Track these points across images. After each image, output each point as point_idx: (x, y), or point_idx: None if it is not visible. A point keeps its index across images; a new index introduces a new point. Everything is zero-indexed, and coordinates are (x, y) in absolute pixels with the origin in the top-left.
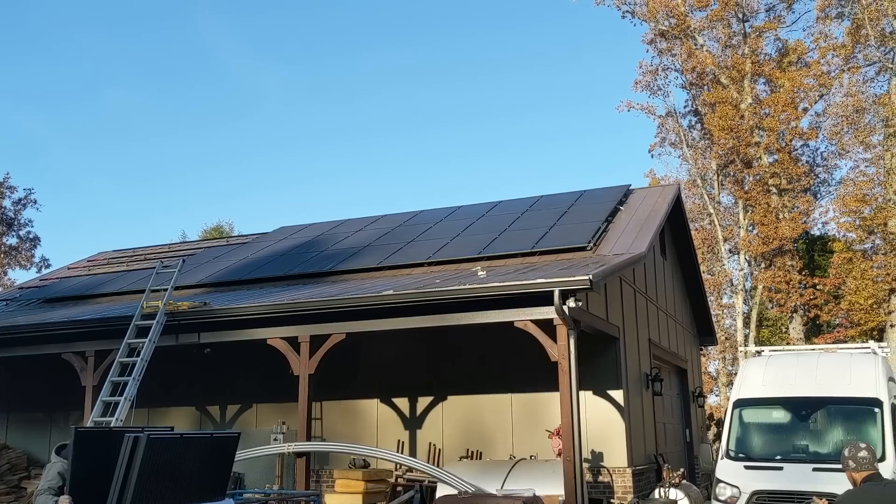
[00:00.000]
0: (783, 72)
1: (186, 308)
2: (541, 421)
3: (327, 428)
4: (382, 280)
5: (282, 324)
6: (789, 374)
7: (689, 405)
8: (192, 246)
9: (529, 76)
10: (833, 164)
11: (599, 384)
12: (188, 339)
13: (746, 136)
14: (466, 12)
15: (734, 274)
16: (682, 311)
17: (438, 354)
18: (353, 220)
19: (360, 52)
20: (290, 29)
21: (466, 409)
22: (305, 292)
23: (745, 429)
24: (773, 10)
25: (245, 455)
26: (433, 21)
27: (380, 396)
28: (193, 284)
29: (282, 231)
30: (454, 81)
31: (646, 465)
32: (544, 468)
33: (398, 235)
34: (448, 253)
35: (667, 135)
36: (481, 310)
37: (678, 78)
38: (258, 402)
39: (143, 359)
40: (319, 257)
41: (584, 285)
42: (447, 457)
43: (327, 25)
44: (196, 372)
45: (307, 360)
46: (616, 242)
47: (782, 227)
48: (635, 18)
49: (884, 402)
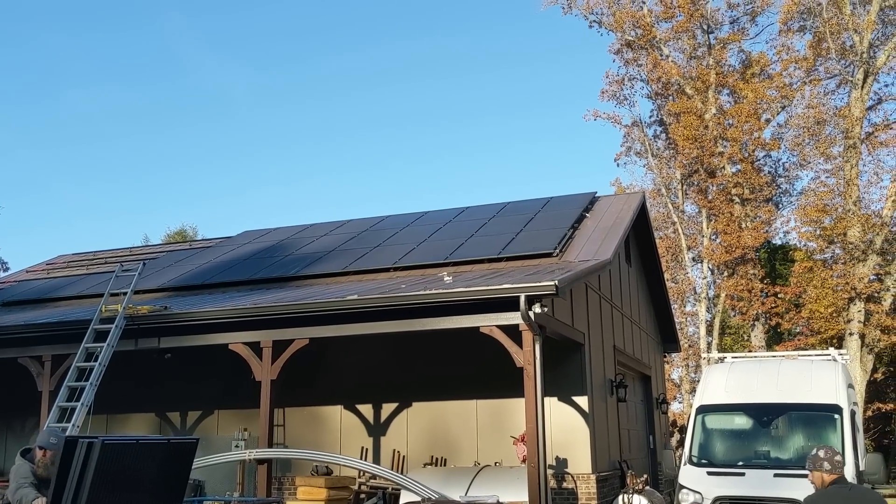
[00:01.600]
0: (746, 83)
1: (146, 312)
2: (506, 427)
3: (290, 434)
4: (348, 285)
5: (244, 328)
6: (751, 380)
7: (652, 412)
8: (154, 249)
9: (498, 81)
10: (794, 175)
11: (564, 390)
12: (148, 343)
13: (710, 146)
14: (435, 16)
15: (697, 282)
16: (646, 318)
17: (403, 360)
18: (318, 225)
19: (327, 54)
20: (255, 30)
21: (431, 415)
22: (269, 297)
23: (707, 435)
24: (738, 23)
25: (205, 462)
26: (400, 24)
27: (343, 403)
28: (155, 288)
29: (246, 235)
30: (421, 85)
31: (610, 471)
32: (509, 475)
33: (364, 240)
34: (414, 258)
35: (632, 144)
36: (447, 315)
37: (644, 88)
38: (220, 409)
39: (101, 363)
40: (284, 262)
41: (551, 291)
42: (411, 464)
43: (293, 27)
44: (156, 377)
45: (269, 366)
46: (582, 249)
47: (745, 236)
48: (602, 28)
49: (843, 409)
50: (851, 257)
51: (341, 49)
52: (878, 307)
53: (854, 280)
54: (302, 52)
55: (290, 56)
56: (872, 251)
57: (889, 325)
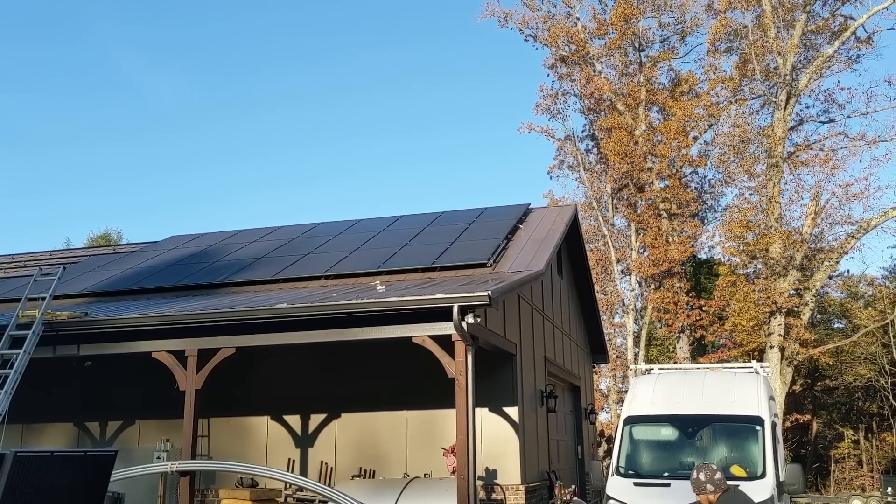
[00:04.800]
0: (675, 101)
1: (66, 318)
2: (436, 438)
3: (214, 446)
4: (277, 293)
5: (168, 336)
6: (677, 391)
7: (581, 422)
8: (75, 253)
9: (431, 93)
10: (719, 192)
11: (495, 401)
12: (67, 350)
13: (640, 161)
14: (371, 28)
15: (625, 294)
16: (576, 329)
17: (333, 371)
18: (247, 231)
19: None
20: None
21: (361, 426)
22: (195, 304)
23: (634, 445)
24: (668, 42)
25: (125, 474)
26: (336, 35)
27: (270, 414)
28: (75, 294)
29: (173, 240)
30: (355, 97)
31: (538, 482)
32: (438, 486)
33: (294, 248)
34: (346, 266)
35: (565, 157)
36: (379, 325)
37: (577, 103)
38: (142, 419)
39: (16, 371)
40: (211, 268)
41: (484, 301)
42: (339, 476)
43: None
44: (75, 386)
45: (194, 375)
46: (515, 260)
47: (672, 250)
48: (537, 43)
49: (765, 421)
50: (773, 272)
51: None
52: (798, 321)
53: (775, 294)
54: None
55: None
56: (793, 267)
57: (807, 338)
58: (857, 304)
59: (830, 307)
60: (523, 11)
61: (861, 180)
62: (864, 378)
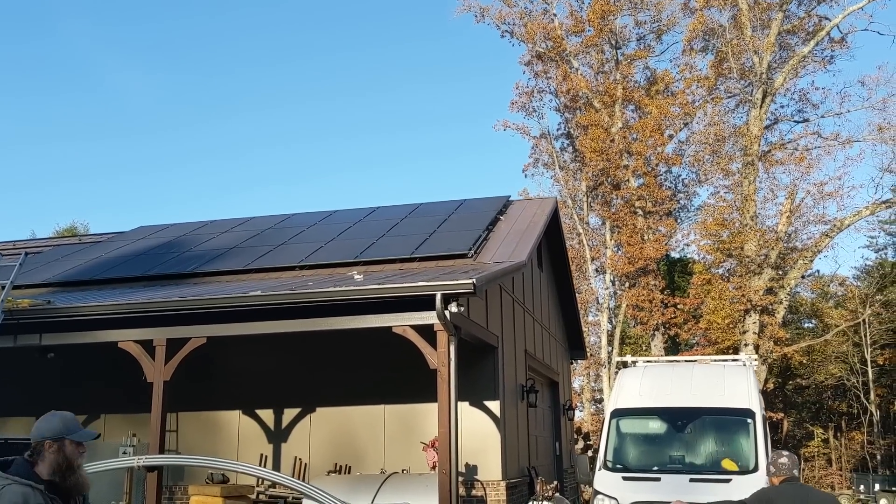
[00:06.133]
0: (651, 99)
1: (27, 305)
2: (415, 433)
3: (183, 441)
4: (249, 283)
5: (135, 325)
6: (665, 384)
7: (559, 418)
8: (40, 243)
9: (407, 92)
10: (693, 191)
11: (476, 395)
12: (28, 340)
13: (616, 158)
14: (349, 26)
15: (600, 292)
16: (555, 323)
17: (308, 363)
18: (219, 222)
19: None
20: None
21: (336, 421)
22: (163, 293)
23: (622, 439)
24: (644, 40)
25: (89, 469)
26: (312, 35)
27: (242, 407)
28: (38, 283)
29: (140, 231)
30: (331, 97)
31: (519, 478)
32: (417, 482)
33: (268, 238)
34: (322, 257)
35: (540, 156)
36: (358, 314)
37: (553, 100)
38: (107, 413)
39: None
40: (181, 258)
41: (468, 290)
42: (314, 472)
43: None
44: (37, 378)
45: (163, 366)
46: (497, 251)
47: (647, 248)
48: (514, 39)
49: (756, 413)
50: (747, 270)
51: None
52: (772, 319)
53: (750, 292)
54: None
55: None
56: (767, 265)
57: (781, 336)
58: (827, 303)
59: (801, 307)
60: (500, 7)
61: (835, 179)
62: (835, 377)
